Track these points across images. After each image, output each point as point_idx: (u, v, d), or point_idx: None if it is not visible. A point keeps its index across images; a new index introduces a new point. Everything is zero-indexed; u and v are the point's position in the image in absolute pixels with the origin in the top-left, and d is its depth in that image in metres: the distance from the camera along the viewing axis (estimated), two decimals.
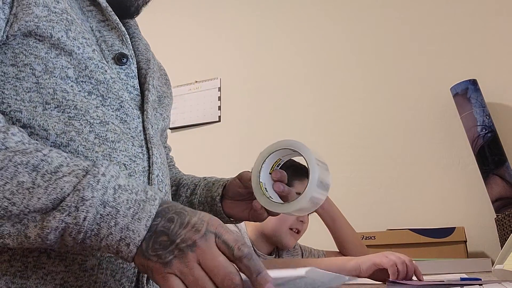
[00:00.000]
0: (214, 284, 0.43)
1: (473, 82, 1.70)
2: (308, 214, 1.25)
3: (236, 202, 0.77)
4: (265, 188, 0.68)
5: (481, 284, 0.66)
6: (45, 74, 0.56)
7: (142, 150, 0.62)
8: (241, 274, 0.44)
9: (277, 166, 0.70)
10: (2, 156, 0.45)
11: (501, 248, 0.92)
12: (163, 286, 0.44)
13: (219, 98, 2.32)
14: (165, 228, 0.45)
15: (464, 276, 0.96)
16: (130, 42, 0.68)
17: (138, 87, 0.68)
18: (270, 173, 0.69)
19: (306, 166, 0.63)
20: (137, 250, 0.45)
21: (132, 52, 0.69)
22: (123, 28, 0.67)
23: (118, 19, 0.67)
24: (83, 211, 0.43)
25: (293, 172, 0.98)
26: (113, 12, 0.67)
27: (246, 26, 2.36)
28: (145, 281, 0.59)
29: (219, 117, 2.29)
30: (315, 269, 0.44)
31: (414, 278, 0.95)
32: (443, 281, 0.84)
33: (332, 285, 0.51)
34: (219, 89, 2.33)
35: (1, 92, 0.55)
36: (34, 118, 0.54)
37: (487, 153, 1.61)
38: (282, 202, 0.67)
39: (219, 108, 2.30)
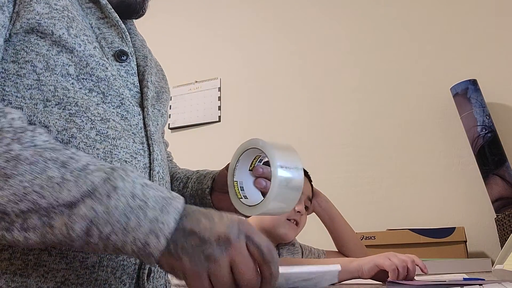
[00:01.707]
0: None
1: (473, 82, 1.70)
2: (306, 211, 1.25)
3: (225, 194, 0.74)
4: (241, 187, 0.65)
5: (481, 284, 0.65)
6: (46, 71, 0.56)
7: (143, 146, 0.63)
8: None
9: (259, 162, 0.66)
10: (32, 152, 0.45)
11: (501, 248, 0.92)
12: (193, 286, 0.44)
13: (219, 98, 2.32)
14: (195, 229, 0.45)
15: (466, 276, 0.96)
16: (130, 40, 0.68)
17: (138, 84, 0.68)
18: (250, 170, 0.66)
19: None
20: (166, 244, 0.44)
21: (132, 49, 0.69)
22: (123, 26, 0.67)
23: (118, 17, 0.67)
24: (113, 198, 0.43)
25: None
26: (112, 10, 0.67)
27: (246, 26, 2.36)
28: (145, 278, 0.59)
29: (219, 117, 2.29)
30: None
31: (417, 275, 0.94)
32: (445, 281, 0.84)
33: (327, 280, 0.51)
34: (219, 89, 2.33)
35: (1, 89, 0.54)
36: (35, 115, 0.54)
37: (487, 153, 1.61)
38: (250, 205, 0.63)
39: (219, 108, 2.30)
